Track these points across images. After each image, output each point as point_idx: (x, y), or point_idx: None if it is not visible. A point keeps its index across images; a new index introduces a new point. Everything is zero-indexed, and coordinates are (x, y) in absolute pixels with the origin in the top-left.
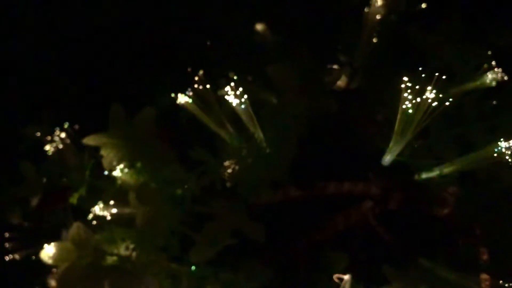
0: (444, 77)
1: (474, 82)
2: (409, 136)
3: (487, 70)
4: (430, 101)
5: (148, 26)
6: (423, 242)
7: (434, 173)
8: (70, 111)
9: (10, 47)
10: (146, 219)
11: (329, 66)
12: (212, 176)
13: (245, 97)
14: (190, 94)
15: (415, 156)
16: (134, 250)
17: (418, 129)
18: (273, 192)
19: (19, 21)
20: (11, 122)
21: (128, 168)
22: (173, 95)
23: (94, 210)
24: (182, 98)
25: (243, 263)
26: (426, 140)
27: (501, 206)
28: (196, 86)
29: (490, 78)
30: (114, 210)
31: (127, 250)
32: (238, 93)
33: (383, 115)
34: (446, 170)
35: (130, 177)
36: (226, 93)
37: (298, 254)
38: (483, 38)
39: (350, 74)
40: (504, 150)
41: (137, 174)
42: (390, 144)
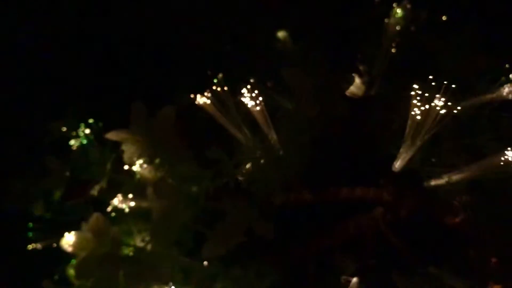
0: (454, 86)
1: (491, 95)
2: (418, 143)
3: (504, 83)
4: (438, 108)
5: (172, 29)
6: (433, 250)
7: (443, 180)
8: (93, 108)
9: (36, 45)
10: (162, 213)
11: (347, 74)
12: (226, 175)
13: (260, 99)
14: (209, 95)
15: (425, 163)
16: (149, 242)
17: (427, 136)
18: (285, 194)
19: (47, 19)
20: (38, 117)
21: (147, 163)
22: (192, 96)
23: (113, 202)
24: (201, 99)
25: (253, 262)
26: (436, 147)
27: (510, 215)
28: (214, 88)
29: (507, 91)
30: (132, 203)
31: (143, 242)
32: (254, 95)
33: (398, 123)
34: (455, 177)
35: (148, 172)
36: (243, 95)
37: (308, 256)
38: (501, 49)
39: (368, 83)
40: (511, 159)
41: (155, 170)
42: (401, 150)
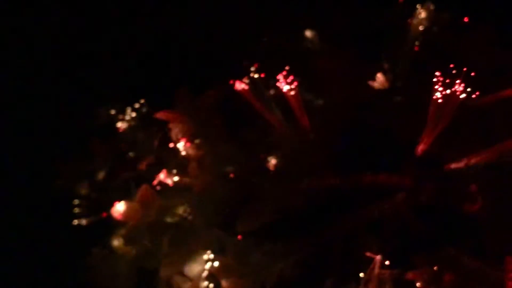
0: (473, 74)
1: (506, 92)
2: (440, 127)
3: None
4: (458, 93)
5: (215, 26)
6: (451, 232)
7: (462, 163)
8: (138, 93)
9: (82, 32)
10: (202, 188)
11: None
12: (260, 157)
13: (295, 84)
14: (247, 81)
15: (445, 147)
16: (190, 214)
17: (448, 120)
18: (313, 178)
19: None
20: (87, 102)
21: (190, 142)
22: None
23: (159, 177)
24: (239, 85)
25: (283, 239)
26: (456, 132)
27: None
28: (252, 75)
29: None
30: (176, 178)
31: (185, 213)
32: (289, 80)
33: (419, 113)
34: (474, 160)
35: (191, 150)
36: (279, 80)
37: (334, 236)
38: None
39: (391, 80)
40: None
41: (197, 148)
42: (423, 135)
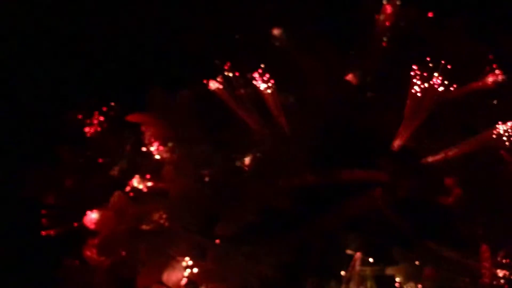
0: (449, 67)
1: (477, 83)
2: (417, 121)
3: (489, 72)
4: (436, 87)
5: (187, 24)
6: (429, 225)
7: (440, 156)
8: (110, 95)
9: (52, 39)
10: (178, 193)
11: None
12: (236, 157)
13: (271, 82)
14: (221, 81)
15: (423, 141)
16: (167, 220)
17: (426, 114)
18: (291, 177)
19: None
20: (53, 108)
21: (164, 145)
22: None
23: (132, 183)
24: (214, 84)
25: (263, 240)
26: (433, 125)
27: (500, 193)
28: (226, 73)
29: (491, 80)
30: (150, 183)
31: (161, 219)
32: (265, 78)
33: (395, 109)
34: (451, 153)
35: (165, 153)
36: (255, 78)
37: (314, 235)
38: (488, 38)
39: (361, 75)
40: (502, 132)
41: (171, 152)
42: (400, 129)
